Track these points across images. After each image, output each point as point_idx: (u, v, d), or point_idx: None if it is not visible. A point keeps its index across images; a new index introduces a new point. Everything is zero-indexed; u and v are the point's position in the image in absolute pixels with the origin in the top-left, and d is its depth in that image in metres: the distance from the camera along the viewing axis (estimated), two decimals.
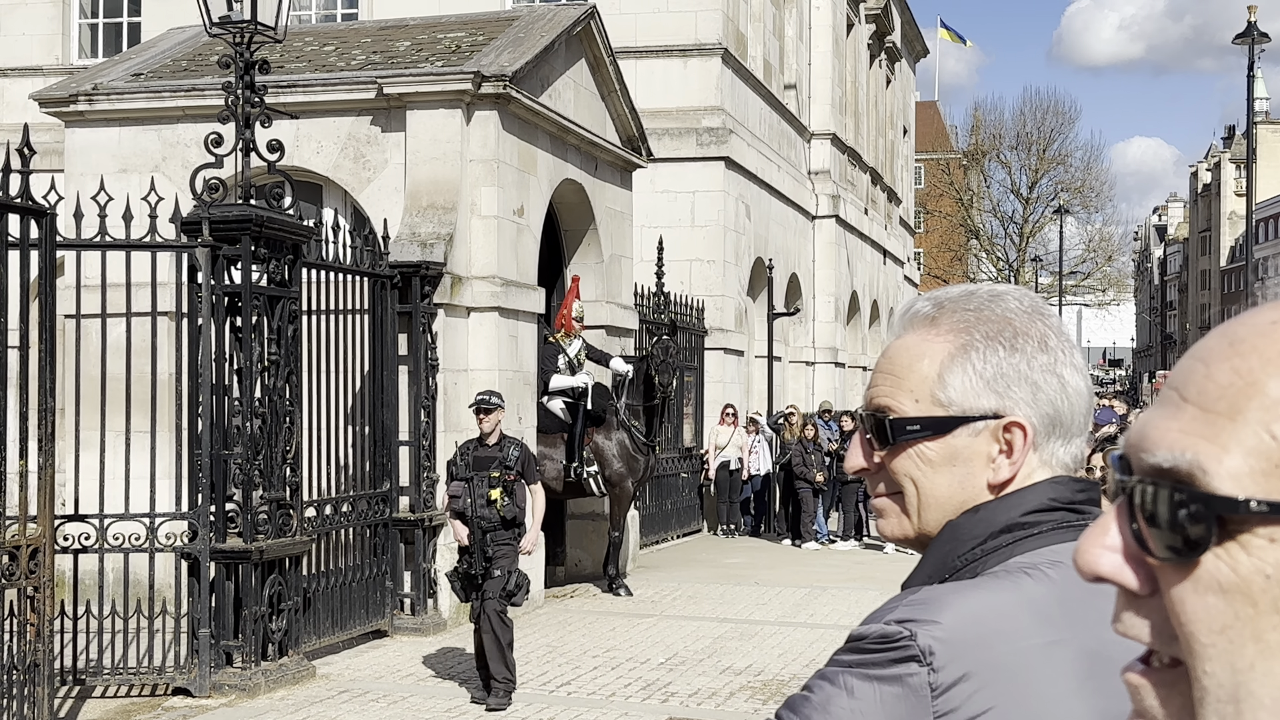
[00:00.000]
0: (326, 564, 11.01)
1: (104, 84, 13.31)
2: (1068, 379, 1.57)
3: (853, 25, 31.22)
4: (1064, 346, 1.59)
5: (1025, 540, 1.52)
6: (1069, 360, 1.58)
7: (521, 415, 13.31)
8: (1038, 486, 1.55)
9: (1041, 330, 1.58)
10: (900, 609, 1.44)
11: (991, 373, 1.56)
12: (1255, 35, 27.94)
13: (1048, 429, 1.57)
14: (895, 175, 38.84)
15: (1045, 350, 1.57)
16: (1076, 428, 1.59)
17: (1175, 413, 0.82)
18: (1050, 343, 1.58)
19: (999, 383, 1.56)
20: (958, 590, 1.48)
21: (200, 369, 9.80)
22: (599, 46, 14.83)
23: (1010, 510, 1.54)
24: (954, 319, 1.60)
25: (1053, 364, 1.57)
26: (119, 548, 9.73)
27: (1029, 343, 1.57)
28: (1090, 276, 68.97)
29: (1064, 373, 1.57)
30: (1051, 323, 1.60)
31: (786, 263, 25.11)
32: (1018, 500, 1.55)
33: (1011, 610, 1.45)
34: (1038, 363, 1.56)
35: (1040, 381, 1.56)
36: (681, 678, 10.42)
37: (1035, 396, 1.56)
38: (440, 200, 12.49)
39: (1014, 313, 1.59)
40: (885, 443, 1.60)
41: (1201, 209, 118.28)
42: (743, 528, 20.95)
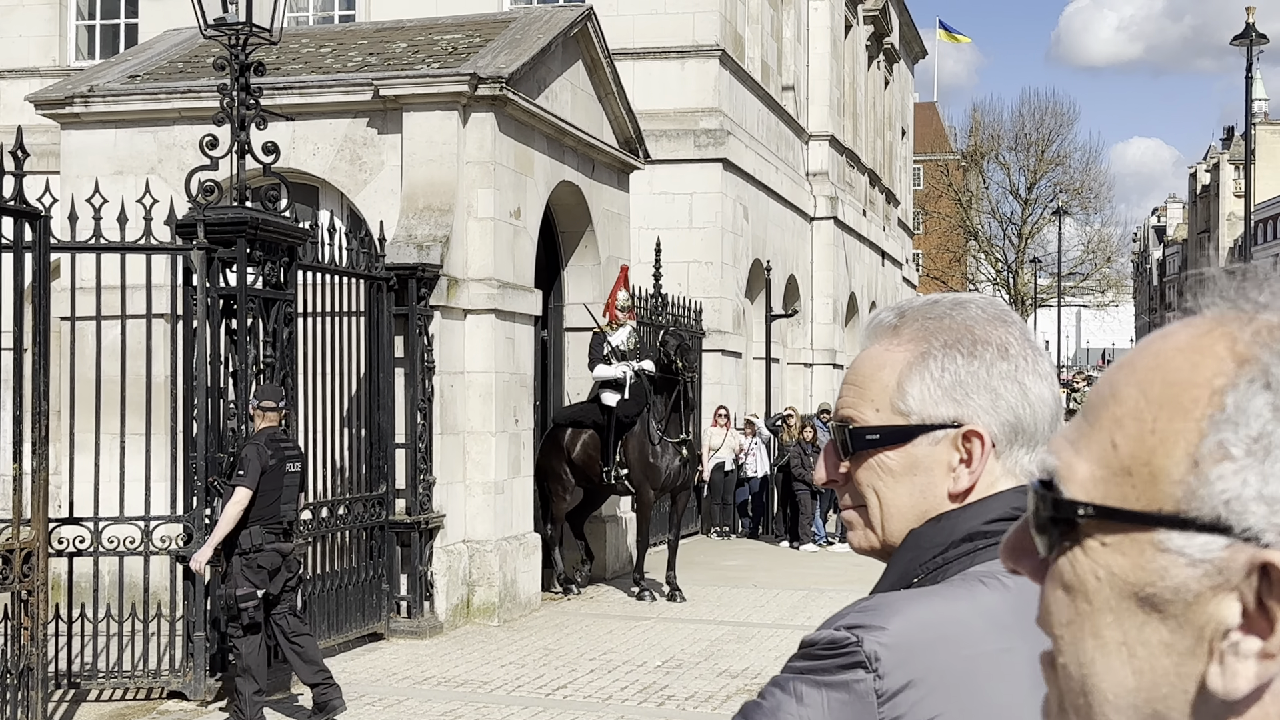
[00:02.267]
0: (322, 567, 10.98)
1: (100, 86, 13.28)
2: (1030, 386, 1.56)
3: (851, 27, 31.20)
4: (1027, 353, 1.57)
5: (987, 549, 1.51)
6: (1032, 367, 1.56)
7: (518, 417, 13.29)
8: (1001, 495, 1.55)
9: (1002, 337, 1.57)
10: (850, 615, 1.45)
11: (950, 381, 1.55)
12: (1254, 36, 27.92)
13: (1009, 437, 1.55)
14: (893, 177, 38.82)
15: (1005, 358, 1.55)
16: (1041, 435, 1.57)
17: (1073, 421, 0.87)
18: (1011, 350, 1.56)
19: (957, 390, 1.55)
20: (909, 597, 1.48)
21: (195, 372, 9.78)
22: (596, 48, 14.80)
23: (972, 519, 1.54)
24: (914, 328, 1.60)
25: (1014, 371, 1.55)
26: (114, 551, 9.71)
27: (988, 350, 1.56)
28: (1089, 278, 68.91)
29: (1026, 380, 1.56)
30: (1014, 330, 1.58)
31: (784, 264, 25.09)
32: (980, 509, 1.54)
33: (963, 617, 1.45)
34: (997, 370, 1.55)
35: (1000, 389, 1.55)
36: (678, 680, 10.40)
37: (995, 404, 1.55)
38: (437, 202, 12.46)
39: (975, 320, 1.58)
40: (848, 452, 1.60)
41: (1200, 210, 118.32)
42: (740, 530, 20.94)
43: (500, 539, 12.76)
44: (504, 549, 12.75)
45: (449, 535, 12.34)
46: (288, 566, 8.86)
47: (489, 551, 12.57)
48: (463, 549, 12.47)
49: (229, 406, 9.84)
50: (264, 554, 8.73)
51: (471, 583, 12.51)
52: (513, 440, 13.13)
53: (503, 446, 12.86)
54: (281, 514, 8.79)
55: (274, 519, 8.76)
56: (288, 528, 8.87)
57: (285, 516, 8.83)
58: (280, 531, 8.80)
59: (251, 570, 8.73)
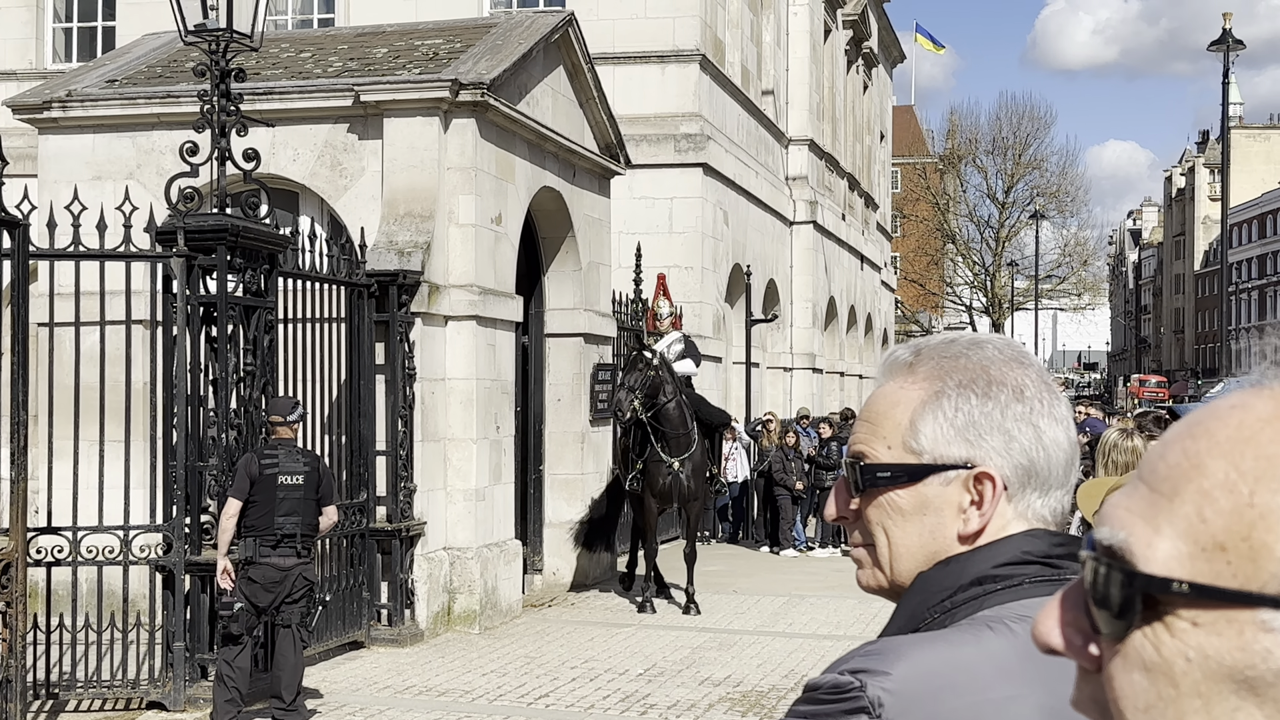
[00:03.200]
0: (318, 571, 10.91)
1: (78, 90, 13.20)
2: (1044, 430, 1.54)
3: (830, 31, 31.25)
4: (1043, 396, 1.55)
5: (997, 594, 1.50)
6: (1047, 410, 1.55)
7: (500, 424, 13.25)
8: (1012, 539, 1.53)
9: (1019, 379, 1.55)
10: (855, 659, 1.44)
11: (963, 421, 1.54)
12: (1230, 42, 28.07)
13: (1022, 480, 1.54)
14: (872, 181, 38.90)
15: (1021, 399, 1.54)
16: (1055, 480, 1.56)
17: (1131, 491, 0.84)
18: (1027, 392, 1.55)
19: (970, 431, 1.54)
20: (915, 642, 1.46)
21: (175, 379, 9.73)
22: (577, 54, 14.78)
23: (982, 563, 1.52)
24: (929, 366, 1.59)
25: (1028, 413, 1.54)
26: (93, 561, 9.65)
27: (1003, 391, 1.54)
28: (1066, 281, 69.22)
29: (1040, 423, 1.54)
30: (1030, 372, 1.57)
31: (764, 269, 25.11)
32: (990, 553, 1.53)
33: (969, 664, 1.43)
34: (1012, 412, 1.54)
35: (1014, 431, 1.53)
36: (660, 689, 10.38)
37: (1009, 446, 1.53)
38: (418, 208, 12.42)
39: (991, 360, 1.57)
40: (859, 489, 1.59)
41: (1176, 213, 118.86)
42: (721, 535, 20.93)
43: (481, 546, 12.72)
44: (485, 556, 12.72)
45: (430, 543, 12.30)
46: (289, 583, 8.67)
47: (470, 559, 12.53)
48: (444, 556, 12.43)
49: (209, 415, 9.79)
50: (257, 567, 8.66)
51: (452, 590, 12.47)
52: (494, 447, 13.09)
53: (484, 453, 12.82)
54: (277, 526, 8.64)
55: (268, 531, 8.65)
56: (287, 541, 8.67)
57: (281, 529, 8.65)
58: (275, 544, 8.66)
59: (242, 582, 8.68)
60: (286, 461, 8.81)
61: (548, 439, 15.64)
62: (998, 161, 66.96)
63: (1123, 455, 4.32)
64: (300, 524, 8.76)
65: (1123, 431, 4.46)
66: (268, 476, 8.71)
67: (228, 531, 8.74)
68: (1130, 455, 4.34)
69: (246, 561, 8.66)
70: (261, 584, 8.65)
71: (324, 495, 8.97)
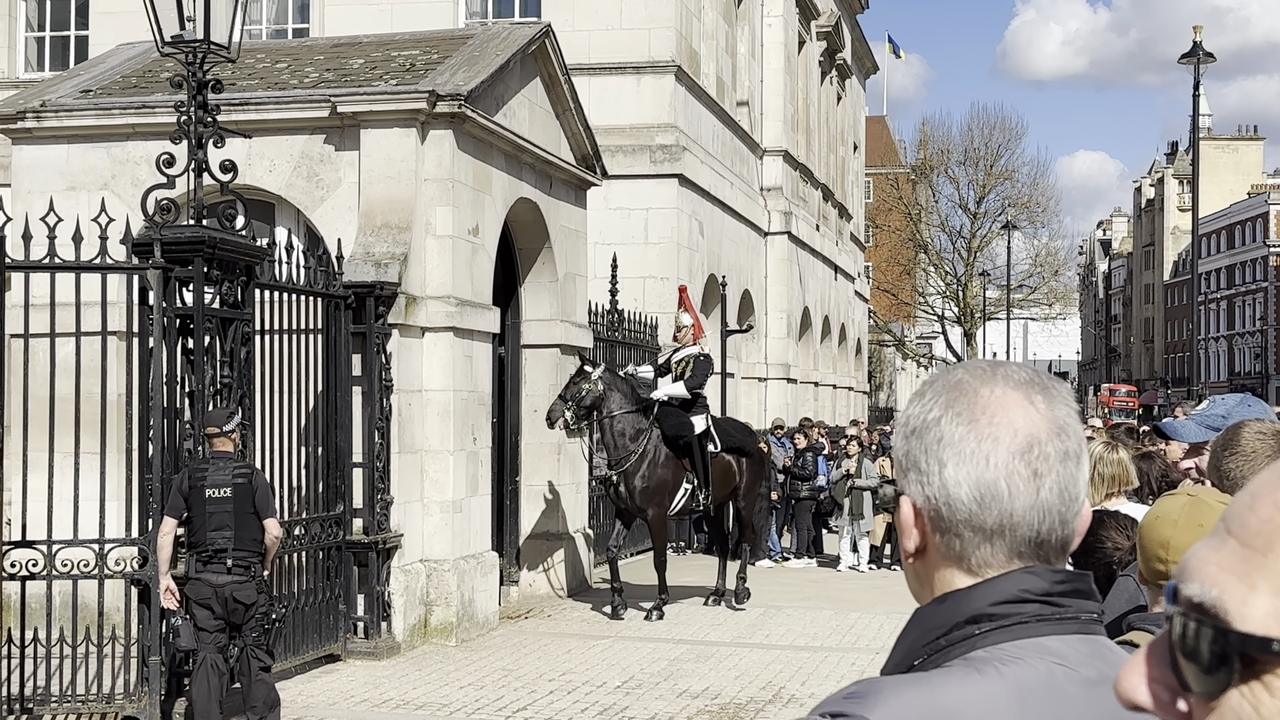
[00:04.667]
0: (279, 588, 10.86)
1: (52, 100, 13.13)
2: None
3: (804, 42, 31.35)
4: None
5: (992, 633, 1.47)
6: None
7: (476, 435, 13.23)
8: (1010, 575, 1.50)
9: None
10: (837, 702, 1.42)
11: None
12: (1201, 55, 28.28)
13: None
14: (846, 191, 39.03)
15: None
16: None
17: (1219, 545, 0.81)
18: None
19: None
20: (898, 684, 1.45)
21: (151, 392, 9.67)
22: (554, 65, 14.79)
23: (978, 600, 1.50)
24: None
25: None
26: (68, 574, 9.58)
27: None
28: (1037, 291, 69.54)
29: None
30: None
31: (739, 279, 25.15)
32: (986, 590, 1.50)
33: (953, 707, 1.41)
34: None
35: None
36: (638, 701, 10.37)
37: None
38: (395, 220, 12.40)
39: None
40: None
41: (1145, 224, 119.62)
42: (696, 545, 20.92)
43: (458, 558, 12.69)
44: (462, 568, 12.69)
45: (406, 555, 12.26)
46: (221, 601, 8.46)
47: (447, 571, 12.50)
48: (420, 568, 12.39)
49: (185, 427, 9.73)
50: (192, 583, 8.50)
51: (429, 602, 12.43)
52: (470, 459, 13.07)
53: (460, 465, 12.80)
54: (208, 541, 8.47)
55: (201, 546, 8.51)
56: (218, 556, 8.46)
57: (213, 544, 8.45)
58: (208, 559, 8.49)
59: (183, 598, 8.61)
60: (214, 474, 8.58)
61: (524, 450, 15.63)
62: (969, 172, 67.30)
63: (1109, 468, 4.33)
64: (233, 539, 8.50)
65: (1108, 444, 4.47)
66: (196, 491, 8.52)
67: (164, 549, 8.59)
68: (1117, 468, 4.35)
69: (185, 578, 8.54)
70: (196, 599, 8.47)
71: (260, 508, 8.63)
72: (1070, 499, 1.53)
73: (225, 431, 8.80)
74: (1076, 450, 1.54)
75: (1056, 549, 1.54)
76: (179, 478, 8.76)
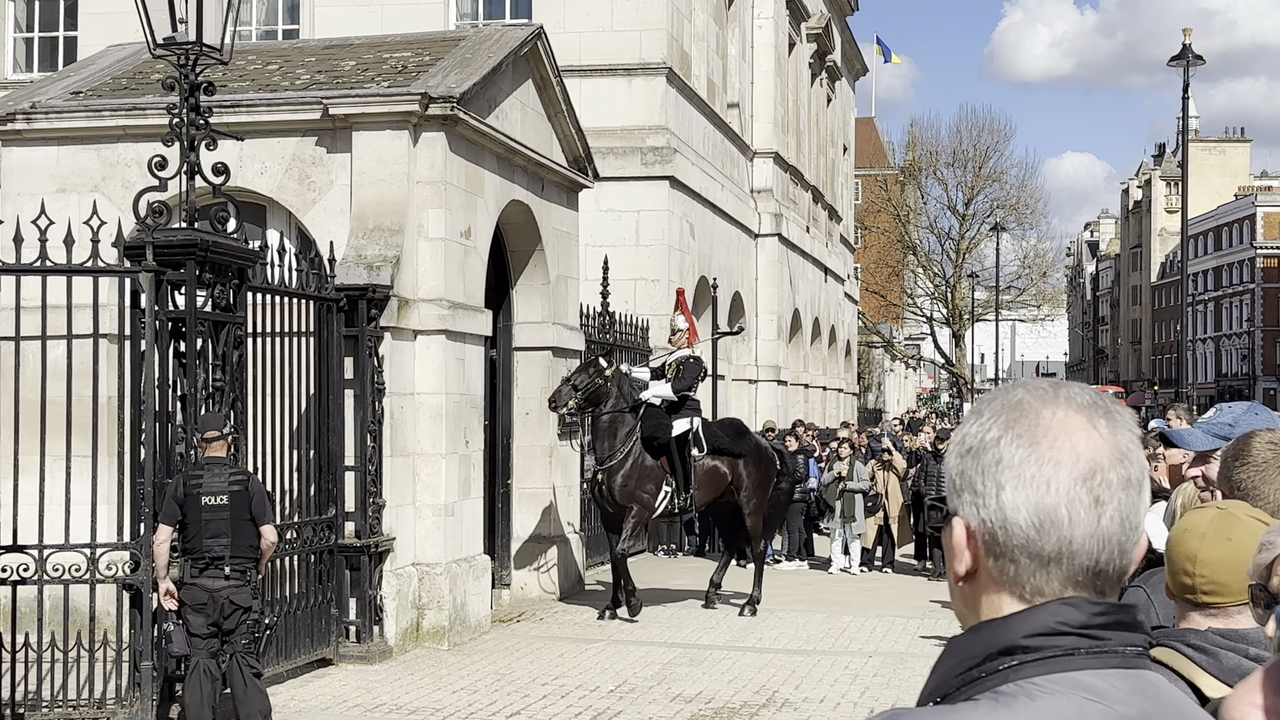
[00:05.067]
0: (271, 592, 10.82)
1: (42, 102, 13.07)
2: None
3: (794, 44, 31.36)
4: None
5: (1025, 666, 1.44)
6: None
7: (469, 438, 13.19)
8: (1047, 607, 1.47)
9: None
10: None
11: None
12: (1190, 57, 28.33)
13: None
14: (836, 193, 39.05)
15: None
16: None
17: None
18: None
19: None
20: (920, 715, 1.44)
21: (143, 395, 9.62)
22: (546, 67, 14.75)
23: (1011, 632, 1.47)
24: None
25: None
26: (59, 579, 9.53)
27: None
28: (1025, 292, 69.61)
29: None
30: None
31: (730, 281, 25.14)
32: (1020, 621, 1.47)
33: None
34: None
35: None
36: (632, 706, 10.34)
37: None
38: (387, 222, 12.36)
39: None
40: None
41: (1133, 225, 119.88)
42: (687, 548, 20.91)
43: (450, 561, 12.65)
44: (454, 572, 12.65)
45: (399, 558, 12.22)
46: (217, 606, 8.43)
47: (439, 574, 12.46)
48: (412, 572, 12.35)
49: (177, 431, 9.69)
50: (187, 589, 8.44)
51: (421, 606, 12.39)
52: (463, 462, 13.03)
53: (453, 468, 12.76)
54: (205, 548, 8.42)
55: (198, 553, 8.46)
56: (215, 563, 8.43)
57: (210, 551, 8.42)
58: (205, 566, 8.45)
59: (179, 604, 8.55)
60: (210, 481, 8.54)
61: (516, 453, 15.60)
62: (958, 174, 67.33)
63: None
64: (230, 545, 8.48)
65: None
66: (192, 498, 8.47)
67: (161, 557, 8.54)
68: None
69: (179, 583, 8.48)
70: (190, 605, 8.42)
71: (256, 514, 8.62)
72: (1131, 528, 1.49)
73: (224, 434, 8.78)
74: (1139, 477, 1.50)
75: (1113, 579, 1.50)
76: (173, 484, 8.70)
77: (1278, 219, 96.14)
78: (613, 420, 14.34)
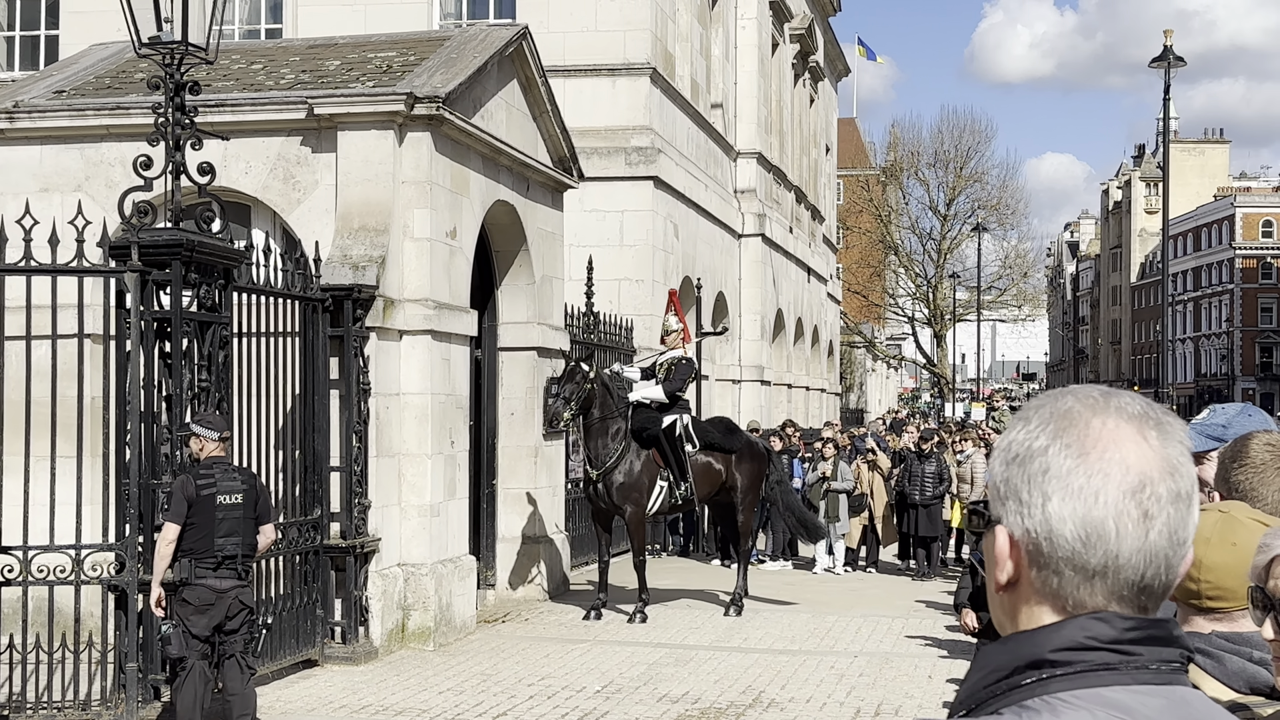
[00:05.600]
0: (256, 593, 10.78)
1: (25, 101, 13.01)
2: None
3: (777, 45, 31.39)
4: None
5: (1052, 680, 1.42)
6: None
7: (454, 439, 13.17)
8: (1076, 620, 1.45)
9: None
10: None
11: None
12: (1171, 59, 28.44)
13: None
14: (818, 193, 39.09)
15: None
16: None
17: None
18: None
19: None
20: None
21: (129, 395, 9.59)
22: (531, 67, 14.74)
23: (1039, 645, 1.45)
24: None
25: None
26: (44, 580, 9.49)
27: None
28: (1006, 292, 69.79)
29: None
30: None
31: (714, 281, 25.16)
32: (1048, 635, 1.45)
33: None
34: None
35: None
36: (619, 706, 10.34)
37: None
38: (372, 222, 12.33)
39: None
40: None
41: (1112, 226, 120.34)
42: (672, 548, 20.92)
43: (436, 562, 12.64)
44: (439, 572, 12.63)
45: (384, 559, 12.20)
46: (223, 606, 8.41)
47: (424, 575, 12.44)
48: (398, 573, 12.33)
49: (162, 431, 9.65)
50: (191, 589, 8.38)
51: (407, 607, 12.37)
52: (448, 462, 13.01)
53: (438, 469, 12.74)
54: (218, 548, 8.39)
55: (207, 552, 8.40)
56: (228, 562, 8.43)
57: (222, 550, 8.40)
58: (215, 565, 8.45)
59: (176, 604, 8.47)
60: (224, 480, 8.50)
61: (501, 453, 15.58)
62: (939, 174, 67.49)
63: None
64: (241, 544, 8.49)
65: None
66: (205, 497, 8.40)
67: (165, 558, 8.44)
68: None
69: (181, 583, 8.41)
70: (195, 605, 8.35)
71: (262, 514, 8.65)
72: (1179, 543, 1.46)
73: (224, 437, 8.77)
74: (1189, 491, 1.47)
75: (1158, 594, 1.48)
76: (181, 483, 8.56)
77: (1257, 220, 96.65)
78: (608, 423, 14.41)
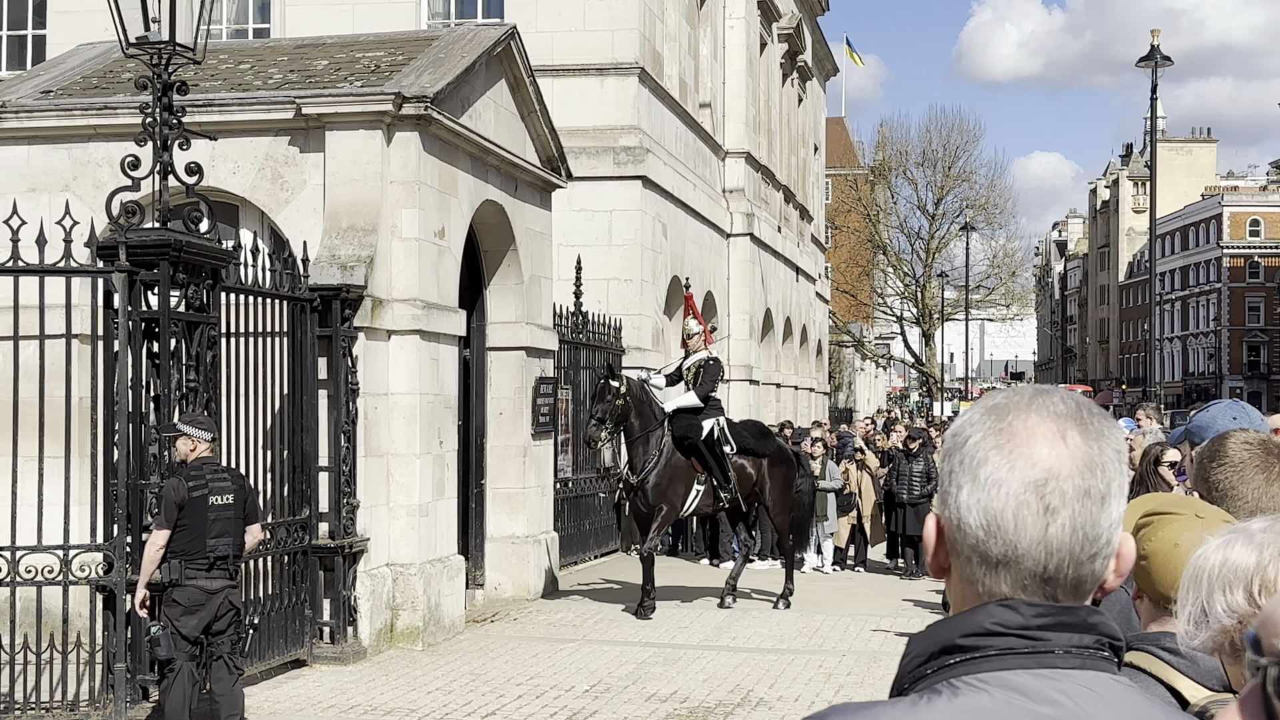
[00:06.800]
0: (245, 593, 10.78)
1: (12, 101, 12.99)
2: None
3: (766, 44, 31.42)
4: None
5: (960, 665, 1.47)
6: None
7: (442, 439, 13.18)
8: (985, 608, 1.49)
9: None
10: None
11: None
12: (1159, 58, 28.52)
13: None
14: (807, 193, 39.14)
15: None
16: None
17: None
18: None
19: None
20: (847, 710, 1.48)
21: (116, 396, 9.58)
22: (519, 67, 14.75)
23: (950, 631, 1.49)
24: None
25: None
26: (31, 581, 9.48)
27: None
28: (994, 292, 69.92)
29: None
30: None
31: (702, 281, 25.17)
32: (959, 622, 1.50)
33: None
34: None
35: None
36: (607, 705, 10.35)
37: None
38: (360, 222, 12.33)
39: None
40: None
41: (1100, 225, 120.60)
42: (660, 547, 20.89)
43: (424, 562, 12.64)
44: (428, 572, 12.64)
45: (373, 559, 12.20)
46: (213, 607, 8.39)
47: (413, 575, 12.44)
48: (386, 573, 12.33)
49: (150, 432, 9.65)
50: (181, 589, 8.37)
51: (395, 607, 12.37)
52: (437, 462, 13.02)
53: (427, 468, 12.75)
54: (208, 548, 8.39)
55: (198, 553, 8.39)
56: (220, 563, 8.43)
57: (214, 551, 8.40)
58: (207, 566, 8.44)
59: (166, 605, 8.47)
60: (215, 481, 8.50)
61: (489, 453, 15.59)
62: (927, 173, 67.60)
63: None
64: (231, 545, 8.50)
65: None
66: (197, 499, 8.39)
67: (153, 563, 8.42)
68: None
69: (171, 584, 8.40)
70: (185, 606, 8.34)
71: (250, 514, 8.67)
72: (1087, 539, 1.48)
73: (214, 438, 8.77)
74: (1102, 490, 1.49)
75: (1068, 587, 1.50)
76: (172, 486, 8.52)
77: (1244, 219, 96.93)
78: (645, 432, 14.61)
